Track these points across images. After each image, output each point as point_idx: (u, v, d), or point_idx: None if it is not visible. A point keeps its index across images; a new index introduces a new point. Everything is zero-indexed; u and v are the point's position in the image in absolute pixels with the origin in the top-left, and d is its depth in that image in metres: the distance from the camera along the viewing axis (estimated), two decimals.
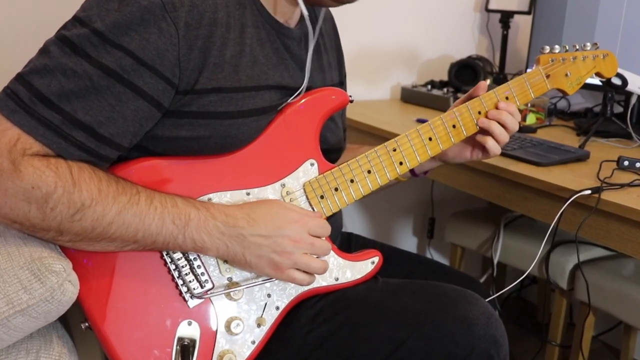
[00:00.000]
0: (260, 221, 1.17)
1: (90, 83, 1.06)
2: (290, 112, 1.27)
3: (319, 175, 1.29)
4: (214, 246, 1.15)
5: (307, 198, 1.28)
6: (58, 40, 1.08)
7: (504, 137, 1.41)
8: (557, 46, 1.53)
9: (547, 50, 1.52)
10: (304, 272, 1.21)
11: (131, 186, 1.11)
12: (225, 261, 1.21)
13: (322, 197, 1.29)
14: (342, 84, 1.56)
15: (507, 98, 1.44)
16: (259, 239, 1.16)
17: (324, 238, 1.24)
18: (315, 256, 1.22)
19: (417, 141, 1.37)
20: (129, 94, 1.09)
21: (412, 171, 1.53)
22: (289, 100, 1.28)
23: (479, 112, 1.42)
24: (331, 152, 1.41)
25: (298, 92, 1.29)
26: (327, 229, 1.24)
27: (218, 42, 1.16)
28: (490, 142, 1.41)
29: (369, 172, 1.32)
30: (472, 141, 1.46)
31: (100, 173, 1.09)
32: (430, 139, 1.38)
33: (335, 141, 1.44)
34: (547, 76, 1.50)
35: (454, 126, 1.40)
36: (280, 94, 1.27)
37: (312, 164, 1.29)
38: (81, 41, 1.07)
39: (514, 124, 1.41)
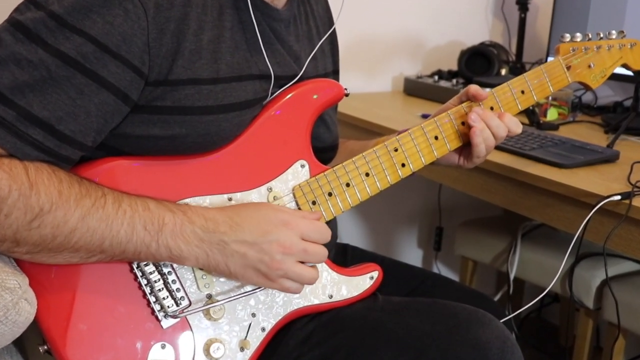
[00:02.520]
0: (245, 225, 1.17)
1: (47, 74, 1.06)
2: (278, 106, 1.28)
3: (311, 178, 1.30)
4: (192, 255, 1.16)
5: (297, 204, 1.29)
6: (10, 26, 1.08)
7: (490, 141, 1.39)
8: (578, 34, 1.54)
9: (568, 39, 1.53)
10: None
11: (96, 188, 1.11)
12: (204, 275, 1.22)
13: (314, 202, 1.29)
14: (336, 73, 1.56)
15: (522, 92, 1.45)
16: (242, 246, 1.16)
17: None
18: (309, 264, 1.22)
19: (421, 140, 1.38)
20: (92, 85, 1.09)
21: None
22: (277, 92, 1.29)
23: (491, 108, 1.43)
24: (326, 151, 1.42)
25: (292, 82, 1.30)
26: (325, 233, 1.23)
27: (194, 26, 1.16)
28: (481, 142, 1.39)
29: (367, 174, 1.33)
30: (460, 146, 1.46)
31: (61, 174, 1.09)
32: (436, 137, 1.39)
33: (331, 139, 1.45)
34: (568, 67, 1.51)
35: (462, 123, 1.41)
36: (265, 85, 1.27)
37: (302, 166, 1.29)
38: (36, 26, 1.07)
39: (499, 128, 1.39)
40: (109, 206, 1.10)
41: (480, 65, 2.63)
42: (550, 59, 2.55)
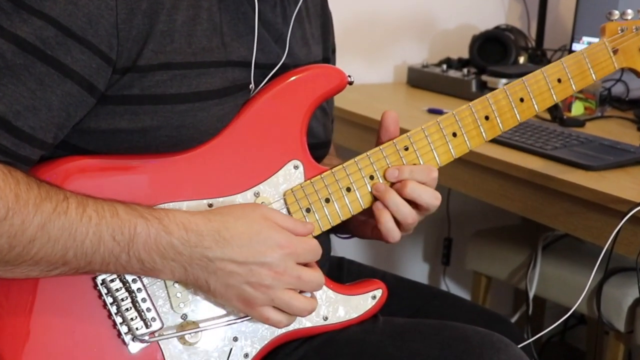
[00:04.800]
0: (234, 242, 1.16)
1: (2, 62, 1.07)
2: (269, 97, 1.28)
3: (305, 181, 1.30)
4: (167, 268, 1.16)
5: (289, 211, 1.28)
6: None
7: (409, 217, 1.31)
8: (629, 11, 1.50)
9: (616, 16, 1.49)
10: (282, 311, 1.21)
11: (57, 190, 1.11)
12: (179, 293, 1.22)
13: (308, 210, 1.29)
14: (327, 61, 1.56)
15: (559, 80, 1.44)
16: (229, 264, 1.16)
17: (314, 266, 1.23)
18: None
19: (436, 137, 1.36)
20: (54, 74, 1.09)
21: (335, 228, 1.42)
22: (264, 82, 1.29)
23: (521, 100, 1.41)
24: (319, 148, 1.41)
25: (275, 69, 1.30)
26: (317, 250, 1.23)
27: (167, 4, 1.17)
28: (386, 222, 1.30)
29: (371, 177, 1.32)
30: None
31: (18, 174, 1.09)
32: (454, 134, 1.38)
33: (325, 134, 1.44)
34: (615, 51, 1.49)
35: (486, 117, 1.39)
36: (246, 73, 1.27)
37: (296, 167, 1.29)
38: None
39: (431, 197, 1.31)
40: (72, 211, 1.10)
41: (495, 52, 2.63)
42: (575, 46, 2.55)
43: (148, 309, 1.20)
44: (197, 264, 1.16)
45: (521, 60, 2.64)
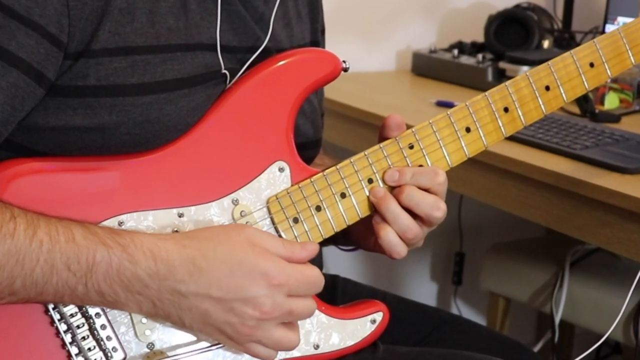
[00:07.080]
0: (211, 274, 1.15)
1: None
2: (249, 87, 1.27)
3: (293, 186, 1.29)
4: (132, 302, 1.15)
5: (273, 222, 1.28)
6: None
7: (408, 231, 1.28)
8: None
9: None
10: None
11: (2, 208, 1.11)
12: (145, 319, 1.21)
13: (295, 220, 1.29)
14: (316, 44, 1.55)
15: (591, 65, 1.43)
16: (205, 301, 1.15)
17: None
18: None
19: (447, 133, 1.35)
20: None
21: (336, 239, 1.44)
22: (243, 68, 1.29)
23: (547, 88, 1.40)
24: (308, 148, 1.41)
25: (255, 54, 1.30)
26: (318, 283, 1.21)
27: None
28: (386, 234, 1.29)
29: (369, 181, 1.32)
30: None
31: None
32: (468, 129, 1.37)
33: (312, 132, 1.44)
34: None
35: (505, 109, 1.39)
36: (217, 58, 1.27)
37: (281, 169, 1.29)
38: None
39: (430, 207, 1.29)
40: (20, 234, 1.10)
41: (514, 35, 2.63)
42: (609, 27, 2.56)
43: (108, 338, 1.20)
44: (167, 299, 1.15)
45: (545, 44, 2.65)
